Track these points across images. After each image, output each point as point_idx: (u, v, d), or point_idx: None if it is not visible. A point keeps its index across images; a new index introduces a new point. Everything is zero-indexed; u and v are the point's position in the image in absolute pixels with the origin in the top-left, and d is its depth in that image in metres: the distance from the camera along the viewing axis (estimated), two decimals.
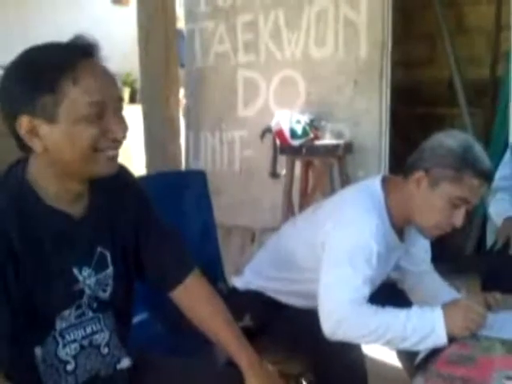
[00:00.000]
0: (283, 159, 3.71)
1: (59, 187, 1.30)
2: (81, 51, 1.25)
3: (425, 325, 1.58)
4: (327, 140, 3.61)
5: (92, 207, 1.37)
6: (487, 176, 1.72)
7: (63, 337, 1.33)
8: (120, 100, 1.31)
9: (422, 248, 2.02)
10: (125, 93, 6.59)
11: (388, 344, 1.67)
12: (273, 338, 1.88)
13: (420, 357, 1.63)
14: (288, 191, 3.66)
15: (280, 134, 3.60)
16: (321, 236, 1.79)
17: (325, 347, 1.68)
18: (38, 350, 1.29)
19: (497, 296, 1.78)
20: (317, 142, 3.58)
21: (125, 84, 6.69)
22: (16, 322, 1.24)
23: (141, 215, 1.48)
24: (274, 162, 3.76)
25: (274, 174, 3.80)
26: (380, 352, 2.68)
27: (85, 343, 1.37)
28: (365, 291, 1.67)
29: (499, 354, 1.48)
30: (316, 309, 1.69)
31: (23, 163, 1.31)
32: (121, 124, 1.28)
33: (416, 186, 1.75)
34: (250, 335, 1.56)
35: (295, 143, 3.53)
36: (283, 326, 1.89)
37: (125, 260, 1.44)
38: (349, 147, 3.61)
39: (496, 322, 1.64)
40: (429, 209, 1.75)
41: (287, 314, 1.93)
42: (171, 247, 1.54)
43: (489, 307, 1.71)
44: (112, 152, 1.29)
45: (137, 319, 1.80)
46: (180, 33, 4.57)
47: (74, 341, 1.34)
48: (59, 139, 1.23)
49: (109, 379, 1.41)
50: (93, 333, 1.38)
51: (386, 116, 3.70)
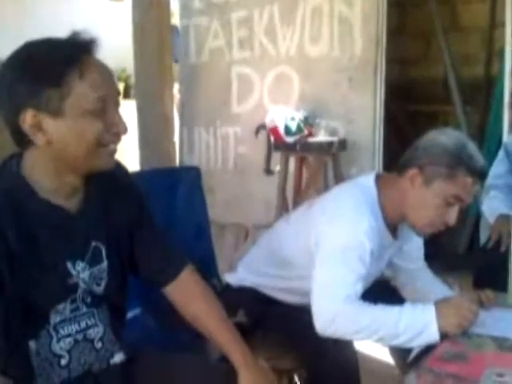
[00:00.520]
0: (277, 156, 3.70)
1: (56, 182, 1.30)
2: (83, 46, 1.25)
3: (417, 322, 1.59)
4: (321, 137, 3.61)
5: (87, 201, 1.38)
6: (481, 174, 1.73)
7: (57, 331, 1.33)
8: (119, 95, 1.33)
9: (415, 245, 2.03)
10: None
11: (380, 341, 1.68)
12: (266, 334, 1.88)
13: (413, 354, 1.63)
14: (282, 188, 3.65)
15: (274, 131, 3.59)
16: (314, 233, 1.80)
17: (317, 343, 1.69)
18: (33, 344, 1.30)
19: (489, 293, 1.79)
20: (311, 139, 3.58)
21: (119, 79, 6.67)
22: (10, 316, 1.24)
23: (135, 211, 1.48)
24: (268, 159, 3.76)
25: (268, 171, 3.79)
26: (372, 349, 2.69)
27: (79, 337, 1.37)
28: (357, 288, 1.67)
29: (491, 351, 1.49)
30: (309, 305, 1.69)
31: (17, 158, 1.30)
32: (122, 118, 1.29)
33: (410, 184, 1.75)
34: (244, 331, 1.56)
35: (289, 140, 3.53)
36: (276, 323, 1.90)
37: (119, 255, 1.44)
38: (343, 144, 3.61)
39: (488, 320, 1.65)
40: (422, 206, 1.75)
41: (280, 311, 1.94)
42: (165, 243, 1.55)
43: (481, 304, 1.72)
44: (113, 146, 1.30)
45: (130, 315, 1.80)
46: (174, 28, 4.56)
47: (69, 335, 1.35)
48: (65, 134, 1.24)
49: (102, 374, 1.41)
50: (87, 327, 1.38)
51: (381, 113, 3.71)
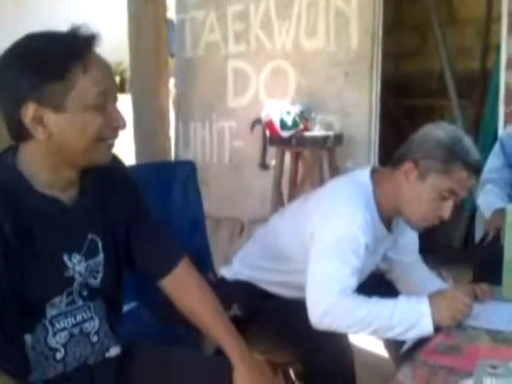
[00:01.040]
0: (273, 150, 3.71)
1: (53, 175, 1.30)
2: (86, 41, 1.25)
3: (411, 314, 1.60)
4: (317, 131, 3.62)
5: (83, 195, 1.38)
6: (476, 168, 1.73)
7: (53, 325, 1.33)
8: (117, 89, 1.33)
9: (410, 239, 2.04)
10: None
11: (374, 333, 1.68)
12: (261, 328, 1.88)
13: (406, 346, 1.64)
14: (277, 182, 3.66)
15: (270, 125, 3.59)
16: (309, 227, 1.80)
17: (312, 337, 1.69)
18: (28, 338, 1.30)
19: (484, 287, 1.79)
20: (307, 133, 3.58)
21: (115, 73, 6.66)
22: (6, 310, 1.24)
23: (131, 204, 1.48)
24: (264, 153, 3.76)
25: (264, 165, 3.80)
26: (367, 341, 2.70)
27: (75, 331, 1.37)
28: (352, 282, 1.68)
29: (485, 344, 1.50)
30: (304, 299, 1.70)
31: (13, 151, 1.30)
32: (121, 113, 1.30)
33: (405, 178, 1.76)
34: (239, 325, 1.57)
35: (285, 134, 3.53)
36: (271, 316, 1.90)
37: (115, 248, 1.45)
38: (339, 138, 3.61)
39: (482, 312, 1.66)
40: (417, 201, 1.75)
41: (275, 304, 1.94)
42: (161, 236, 1.55)
43: (476, 298, 1.73)
44: (112, 141, 1.31)
45: (126, 308, 1.80)
46: (170, 22, 4.55)
47: (64, 329, 1.35)
48: (66, 128, 1.23)
49: (97, 367, 1.41)
50: (83, 321, 1.38)
51: (376, 107, 3.71)
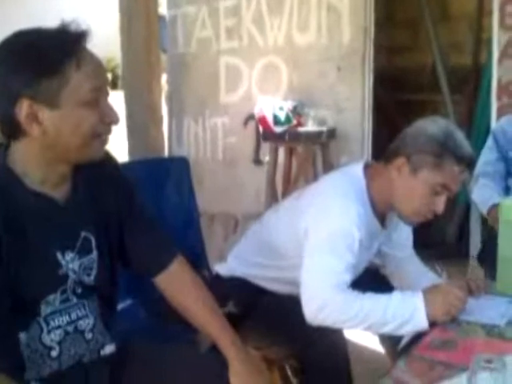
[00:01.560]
0: (266, 146, 3.70)
1: (46, 171, 1.30)
2: (78, 37, 1.24)
3: (405, 309, 1.60)
4: (310, 126, 3.61)
5: (75, 191, 1.37)
6: (468, 163, 1.73)
7: (48, 323, 1.32)
8: (108, 85, 1.33)
9: (404, 234, 2.04)
10: None
11: (369, 329, 1.69)
12: (256, 324, 1.88)
13: (403, 342, 1.64)
14: (271, 178, 3.66)
15: (263, 121, 3.59)
16: (303, 223, 1.80)
17: (307, 333, 1.69)
18: (23, 336, 1.29)
19: (478, 281, 1.80)
20: (300, 129, 3.58)
21: (106, 70, 6.65)
22: (1, 308, 1.23)
23: (124, 201, 1.48)
24: (257, 149, 3.76)
25: (257, 161, 3.79)
26: (362, 337, 2.70)
27: (69, 329, 1.36)
28: (346, 277, 1.68)
29: (480, 338, 1.50)
30: (299, 295, 1.70)
31: (2, 149, 1.29)
32: (113, 108, 1.30)
33: (397, 173, 1.76)
34: (234, 321, 1.57)
35: (278, 130, 3.53)
36: (266, 312, 1.90)
37: (109, 245, 1.44)
38: (332, 134, 3.61)
39: (477, 307, 1.66)
40: (410, 195, 1.75)
41: (270, 300, 1.94)
42: (155, 233, 1.54)
43: (470, 292, 1.73)
44: (105, 136, 1.31)
45: (121, 306, 1.80)
46: (162, 18, 4.53)
47: (59, 327, 1.34)
48: (61, 124, 1.23)
49: (92, 365, 1.41)
50: (78, 318, 1.38)
51: (369, 102, 3.70)
